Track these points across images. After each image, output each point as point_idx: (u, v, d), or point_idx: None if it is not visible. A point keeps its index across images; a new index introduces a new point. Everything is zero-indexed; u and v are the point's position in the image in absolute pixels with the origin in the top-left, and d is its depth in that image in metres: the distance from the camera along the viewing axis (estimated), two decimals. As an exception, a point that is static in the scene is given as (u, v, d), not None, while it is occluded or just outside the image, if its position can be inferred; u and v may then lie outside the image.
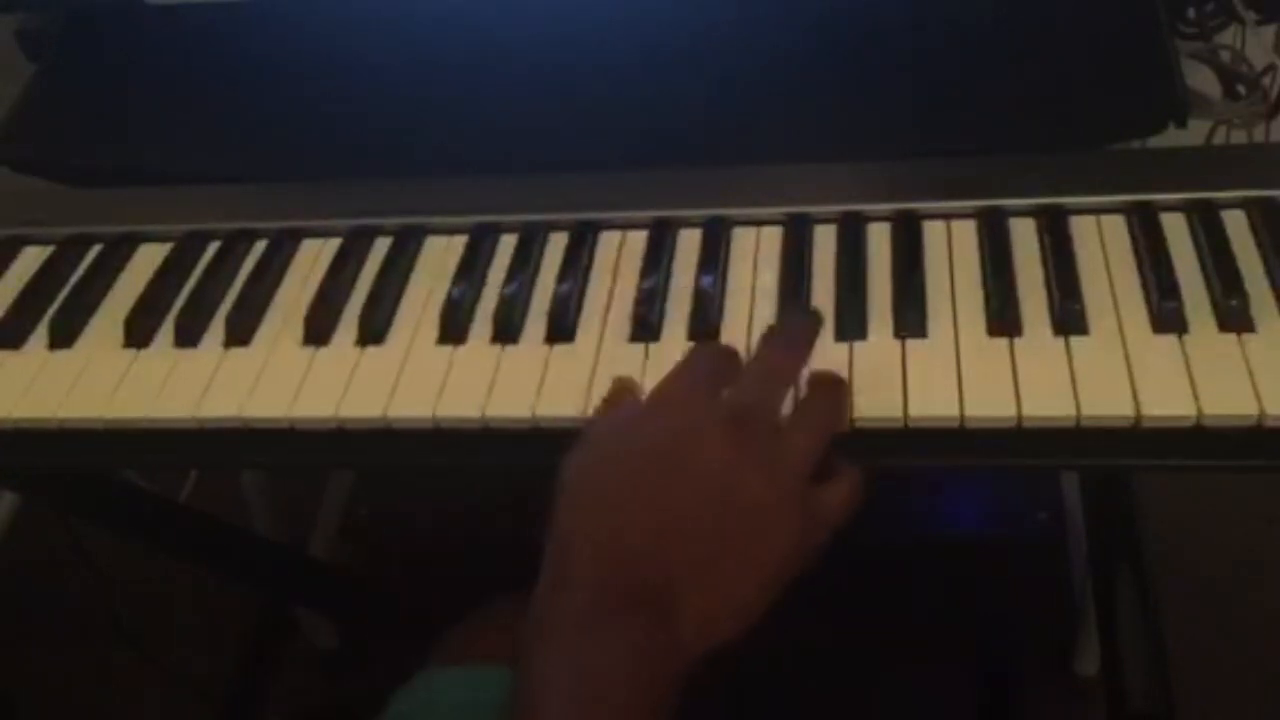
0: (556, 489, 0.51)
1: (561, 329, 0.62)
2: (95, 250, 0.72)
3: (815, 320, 0.58)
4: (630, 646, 0.46)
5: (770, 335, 0.58)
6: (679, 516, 0.49)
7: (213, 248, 0.71)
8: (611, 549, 0.48)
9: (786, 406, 0.55)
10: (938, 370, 0.57)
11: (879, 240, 0.64)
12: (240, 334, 0.65)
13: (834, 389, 0.55)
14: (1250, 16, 0.74)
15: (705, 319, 0.61)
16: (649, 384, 0.58)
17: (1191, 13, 0.75)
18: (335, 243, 0.69)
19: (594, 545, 0.49)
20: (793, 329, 0.58)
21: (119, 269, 0.71)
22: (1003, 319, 0.58)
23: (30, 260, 0.72)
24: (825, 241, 0.64)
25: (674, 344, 0.60)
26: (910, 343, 0.58)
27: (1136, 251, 0.61)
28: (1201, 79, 0.76)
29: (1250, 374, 0.54)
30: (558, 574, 0.49)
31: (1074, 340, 0.57)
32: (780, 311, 0.61)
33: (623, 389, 0.57)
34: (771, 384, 0.54)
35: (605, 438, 0.52)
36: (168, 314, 0.67)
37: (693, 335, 0.61)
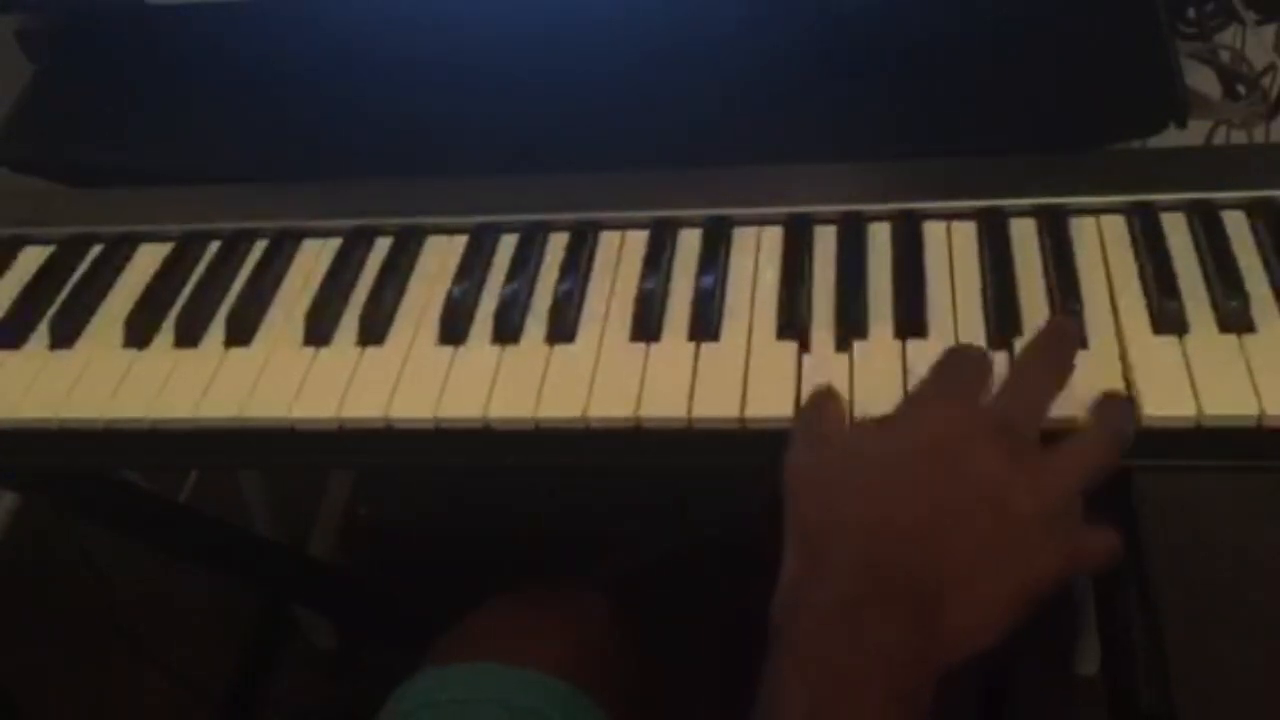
0: (782, 489, 0.49)
1: (562, 329, 0.62)
2: (95, 250, 0.72)
3: (1069, 329, 0.56)
4: (885, 643, 0.45)
5: (1033, 347, 0.54)
6: (950, 515, 0.47)
7: (213, 248, 0.71)
8: (878, 540, 0.47)
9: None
10: (938, 370, 0.57)
11: (879, 240, 0.64)
12: (240, 334, 0.65)
13: (1113, 419, 0.51)
14: (1250, 16, 0.74)
15: (705, 319, 0.61)
16: (650, 384, 0.58)
17: (1191, 13, 0.75)
18: (335, 243, 0.69)
19: (858, 536, 0.47)
20: (1054, 341, 0.54)
21: (119, 269, 0.71)
22: (1003, 319, 0.58)
23: (30, 260, 0.72)
24: (825, 241, 0.64)
25: (674, 344, 0.60)
26: (910, 342, 0.58)
27: (1136, 251, 0.61)
28: (1201, 79, 0.76)
29: (1250, 374, 0.54)
30: (812, 565, 0.47)
31: (1074, 340, 0.57)
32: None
33: (828, 394, 0.55)
34: (1035, 397, 0.51)
35: (851, 436, 0.51)
36: (168, 314, 0.67)
37: (693, 335, 0.61)
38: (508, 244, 0.67)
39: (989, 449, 0.48)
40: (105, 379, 0.64)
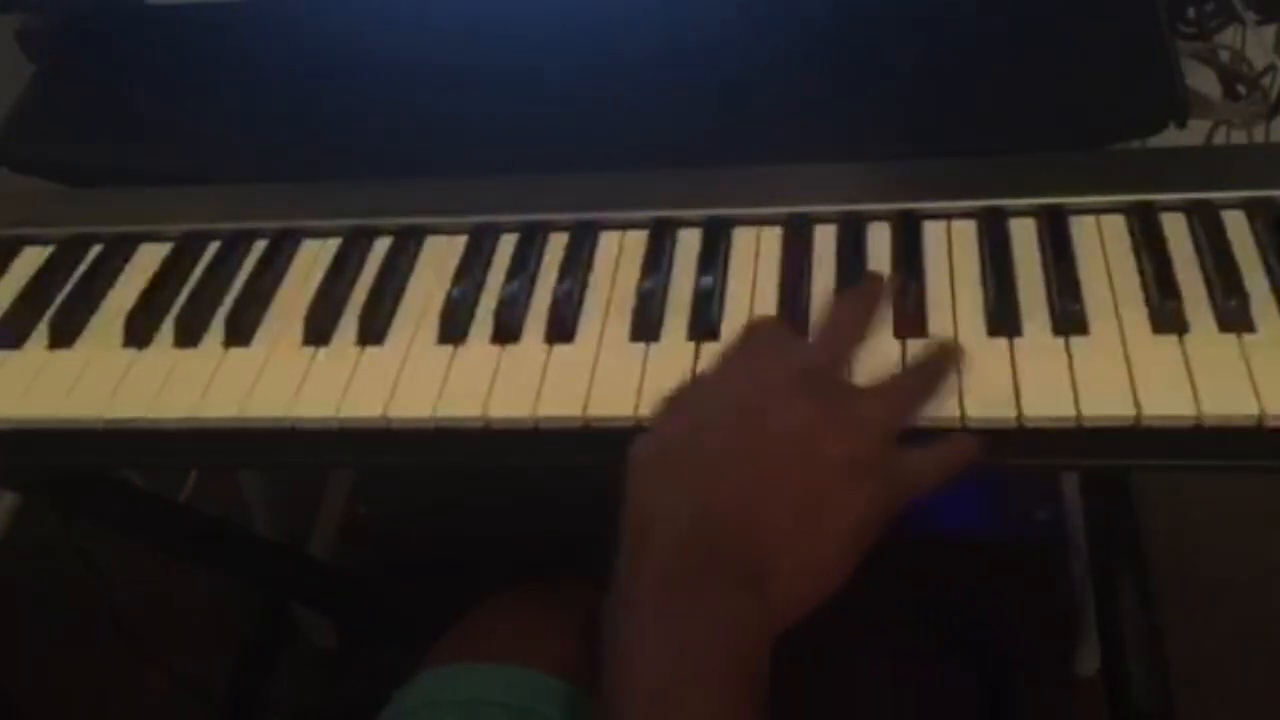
0: (625, 475, 0.50)
1: (561, 329, 0.62)
2: (95, 250, 0.72)
3: (876, 280, 0.58)
4: (719, 612, 0.45)
5: (839, 297, 0.57)
6: (763, 477, 0.48)
7: (213, 248, 0.71)
8: (697, 515, 0.47)
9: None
10: (938, 370, 0.57)
11: (879, 240, 0.64)
12: (240, 334, 0.65)
13: (934, 357, 0.54)
14: (1250, 16, 0.74)
15: (705, 319, 0.61)
16: (650, 384, 0.58)
17: (1191, 13, 0.75)
18: (335, 243, 0.69)
19: (678, 513, 0.48)
20: (857, 291, 0.57)
21: (119, 269, 0.71)
22: (1002, 319, 0.58)
23: (30, 260, 0.72)
24: (825, 241, 0.64)
25: (674, 344, 0.60)
26: (910, 343, 0.58)
27: (1136, 251, 0.61)
28: (1201, 79, 0.76)
29: (1250, 374, 0.54)
30: (640, 547, 0.47)
31: (1074, 340, 0.57)
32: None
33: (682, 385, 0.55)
34: (839, 344, 0.53)
35: (673, 415, 0.52)
36: (168, 314, 0.67)
37: (693, 335, 0.61)
38: (507, 244, 0.67)
39: (793, 400, 0.49)
40: (105, 379, 0.64)
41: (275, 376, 0.62)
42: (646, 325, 0.61)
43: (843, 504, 0.47)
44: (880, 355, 0.58)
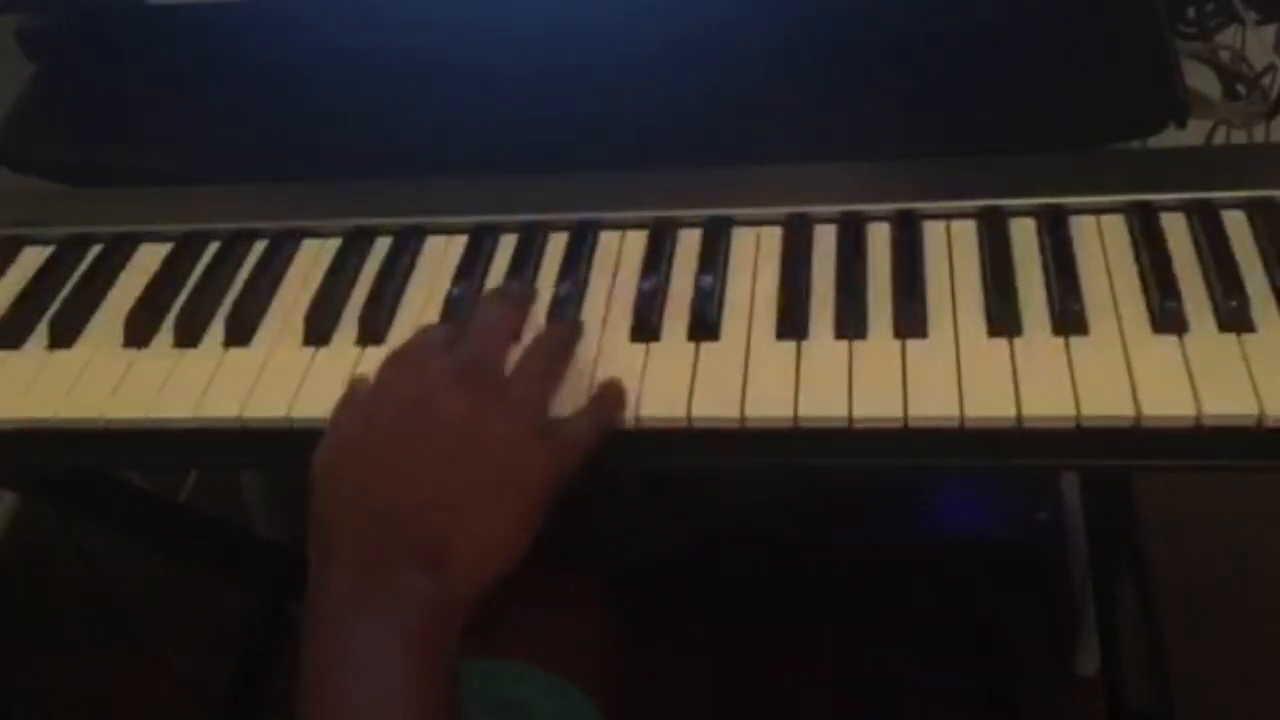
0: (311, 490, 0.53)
1: (561, 329, 0.62)
2: (95, 250, 0.72)
3: (527, 287, 0.63)
4: (405, 605, 0.48)
5: (483, 299, 0.62)
6: (431, 463, 0.51)
7: (213, 248, 0.71)
8: (371, 514, 0.50)
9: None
10: (938, 370, 0.57)
11: (879, 240, 0.64)
12: (240, 334, 0.65)
13: (557, 331, 0.59)
14: (1250, 16, 0.74)
15: (705, 319, 0.61)
16: (649, 384, 0.58)
17: (1191, 13, 0.75)
18: (335, 243, 0.69)
19: (353, 516, 0.51)
20: (504, 290, 0.63)
21: (119, 269, 0.71)
22: (1003, 319, 0.58)
23: (30, 260, 0.72)
24: (825, 241, 0.64)
25: (674, 344, 0.60)
26: (910, 343, 0.58)
27: (1136, 251, 0.61)
28: (1201, 79, 0.76)
29: (1250, 374, 0.54)
30: (321, 554, 0.50)
31: (1074, 340, 0.57)
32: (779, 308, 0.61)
33: (356, 384, 0.59)
34: (491, 337, 0.57)
35: (343, 422, 0.55)
36: (168, 314, 0.67)
37: (693, 335, 0.61)
38: (507, 244, 0.67)
39: (451, 391, 0.52)
40: (105, 379, 0.64)
41: (275, 376, 0.62)
42: (646, 325, 0.61)
43: (513, 478, 0.51)
44: (880, 355, 0.58)
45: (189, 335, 0.65)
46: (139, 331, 0.66)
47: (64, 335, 0.67)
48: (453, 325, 0.60)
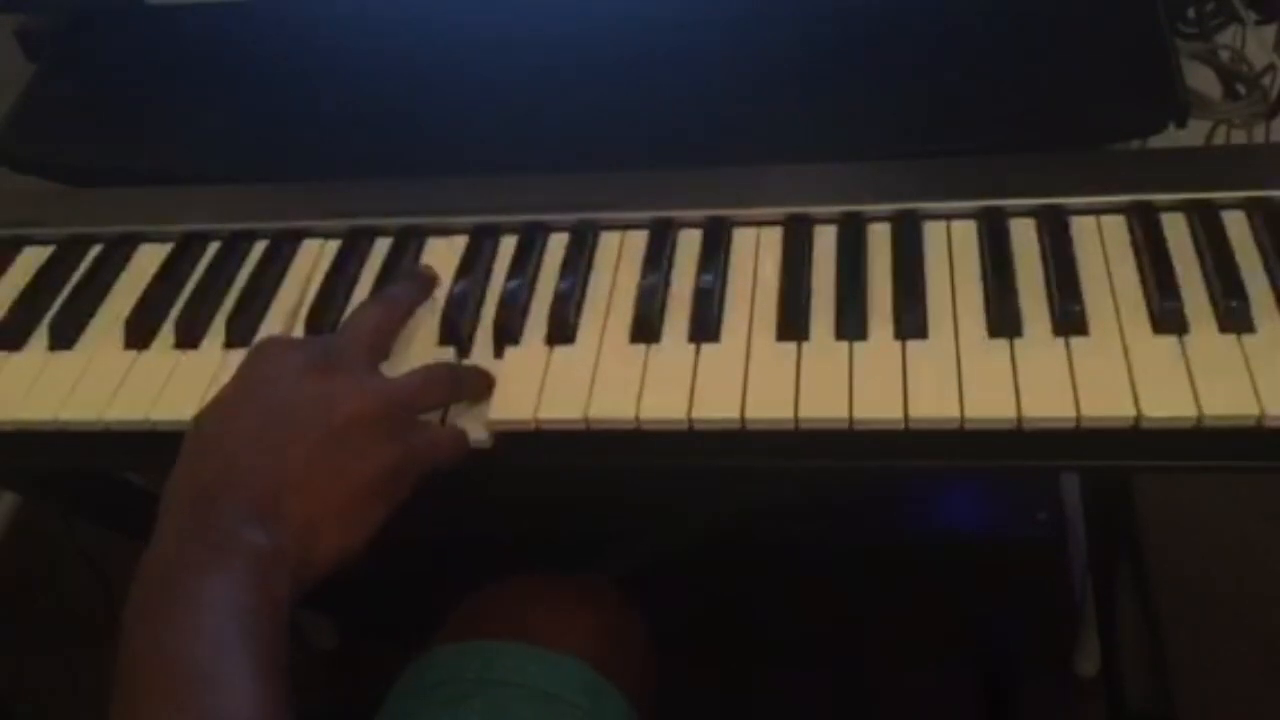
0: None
1: (562, 330, 0.62)
2: (95, 250, 0.72)
3: (413, 281, 0.65)
4: (232, 548, 0.50)
5: (373, 294, 0.65)
6: (273, 433, 0.53)
7: (213, 248, 0.71)
8: (210, 469, 0.53)
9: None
10: (938, 370, 0.57)
11: (879, 240, 0.64)
12: (240, 335, 0.65)
13: (451, 369, 0.60)
14: (1250, 16, 0.74)
15: (705, 319, 0.61)
16: (650, 384, 0.58)
17: (1191, 13, 0.75)
18: (335, 243, 0.69)
19: (193, 469, 0.53)
20: (387, 288, 0.64)
21: (119, 269, 0.71)
22: (1003, 319, 0.58)
23: (30, 260, 0.72)
24: (825, 241, 0.64)
25: (674, 344, 0.60)
26: (910, 343, 0.58)
27: (1136, 251, 0.61)
28: (1201, 79, 0.76)
29: (1250, 374, 0.54)
30: (160, 513, 0.53)
31: (1074, 340, 0.57)
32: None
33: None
34: (358, 330, 0.60)
35: (204, 415, 0.56)
36: (168, 315, 0.67)
37: (693, 335, 0.61)
38: (507, 244, 0.67)
39: (306, 371, 0.55)
40: (105, 380, 0.64)
41: (275, 377, 0.62)
42: (646, 325, 0.61)
43: (355, 455, 0.53)
44: (880, 356, 0.58)
45: (189, 336, 0.65)
46: (139, 332, 0.66)
47: (64, 336, 0.67)
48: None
